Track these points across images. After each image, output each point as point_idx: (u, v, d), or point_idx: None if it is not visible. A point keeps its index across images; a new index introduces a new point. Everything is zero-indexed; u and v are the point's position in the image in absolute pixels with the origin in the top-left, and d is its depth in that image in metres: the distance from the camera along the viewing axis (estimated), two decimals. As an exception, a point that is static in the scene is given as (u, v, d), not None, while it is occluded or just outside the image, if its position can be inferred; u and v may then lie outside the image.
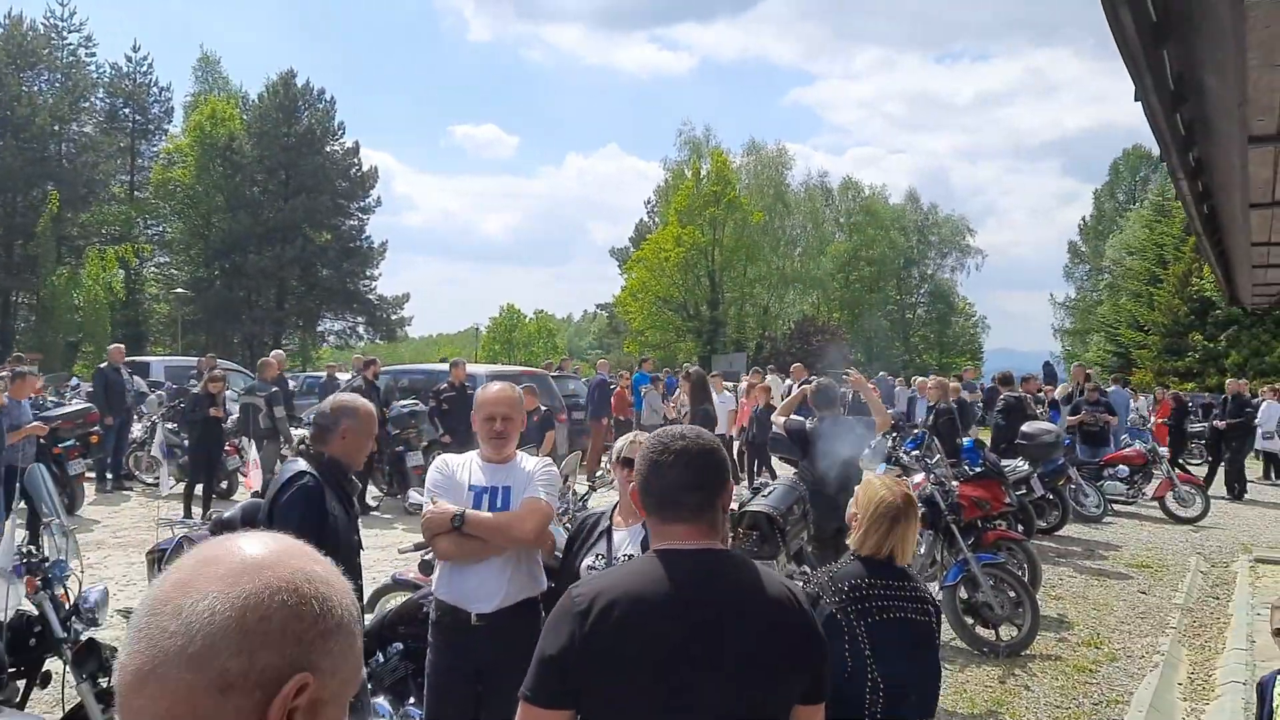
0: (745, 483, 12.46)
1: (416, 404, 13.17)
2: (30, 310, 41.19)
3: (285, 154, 46.94)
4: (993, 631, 7.32)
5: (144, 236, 46.96)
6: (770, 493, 6.46)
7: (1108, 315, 50.16)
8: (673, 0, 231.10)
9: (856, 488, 3.31)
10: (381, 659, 4.52)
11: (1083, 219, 67.18)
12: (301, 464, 3.66)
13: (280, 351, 16.54)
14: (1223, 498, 15.50)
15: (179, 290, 43.48)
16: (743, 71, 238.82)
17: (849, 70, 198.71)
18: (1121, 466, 14.00)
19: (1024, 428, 10.98)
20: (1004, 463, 11.31)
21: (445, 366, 14.91)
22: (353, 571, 3.72)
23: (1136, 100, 3.41)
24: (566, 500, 6.67)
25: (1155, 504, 13.66)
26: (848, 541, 3.26)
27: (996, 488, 8.59)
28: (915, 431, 11.10)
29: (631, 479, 2.29)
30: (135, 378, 15.45)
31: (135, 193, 47.63)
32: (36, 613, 4.35)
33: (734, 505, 6.25)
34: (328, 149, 48.87)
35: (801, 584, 2.72)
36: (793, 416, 7.69)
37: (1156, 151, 4.58)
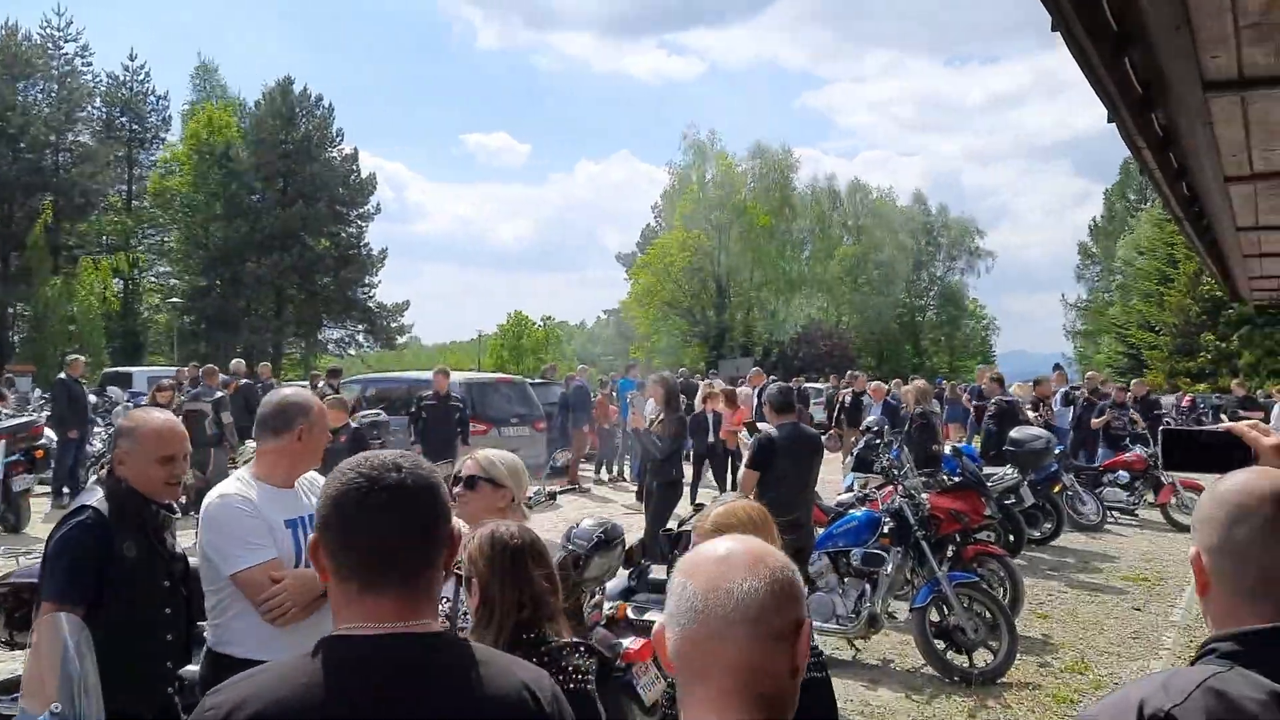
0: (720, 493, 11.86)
1: (379, 414, 12.67)
2: (26, 321, 40.90)
3: (283, 161, 46.49)
4: (966, 657, 6.73)
5: (142, 246, 46.61)
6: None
7: (1119, 316, 49.54)
8: (682, 6, 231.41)
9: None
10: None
11: (1093, 219, 66.34)
12: (95, 495, 3.07)
13: (240, 360, 16.00)
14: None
15: (174, 300, 43.10)
16: (752, 76, 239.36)
17: (858, 74, 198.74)
18: (1121, 472, 13.32)
19: (1012, 433, 10.40)
20: (992, 471, 10.75)
21: (424, 375, 14.54)
22: (168, 620, 3.10)
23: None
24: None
25: (1158, 511, 13.01)
26: None
27: (975, 498, 7.97)
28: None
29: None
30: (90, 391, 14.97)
31: (134, 202, 47.31)
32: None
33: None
34: (326, 156, 48.47)
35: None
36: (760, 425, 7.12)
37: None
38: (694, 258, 51.81)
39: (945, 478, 8.38)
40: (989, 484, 10.47)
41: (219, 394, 12.85)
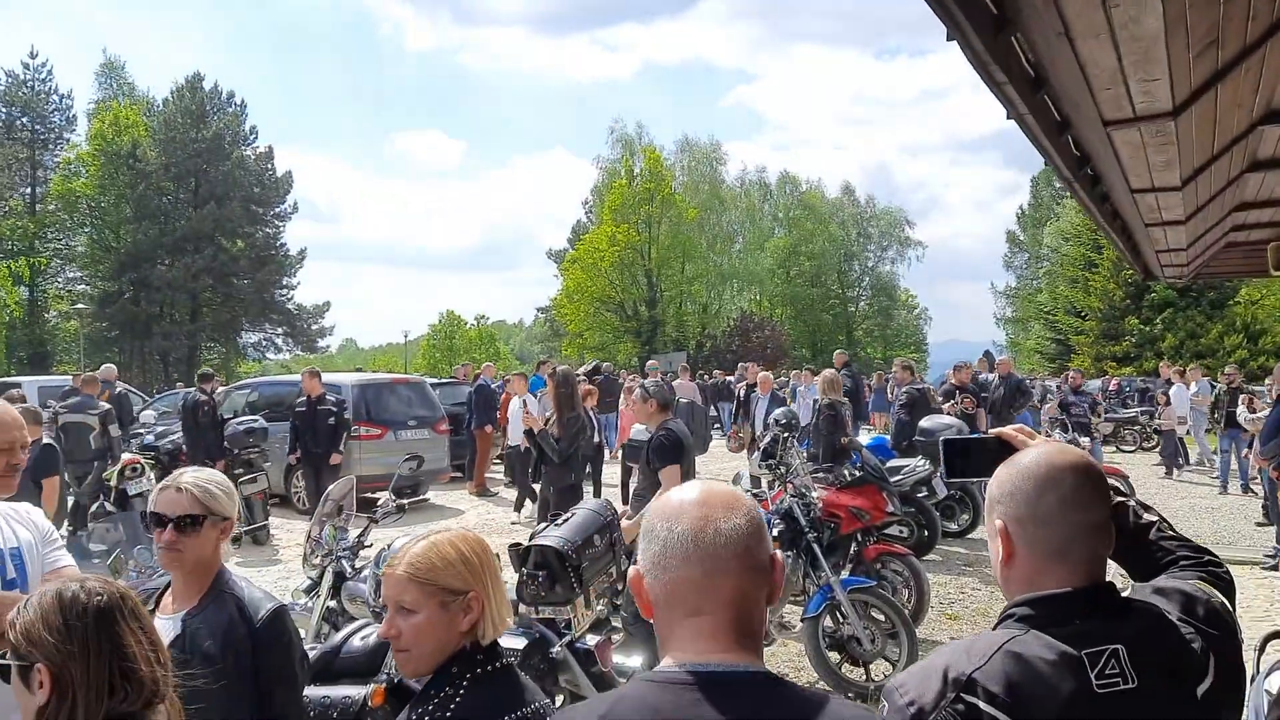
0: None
1: (256, 420, 11.87)
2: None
3: (193, 160, 44.85)
4: (862, 670, 6.19)
5: (47, 251, 44.69)
6: (566, 520, 5.30)
7: (1046, 303, 49.90)
8: (610, 2, 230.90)
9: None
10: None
11: (1020, 207, 67.07)
12: None
13: (111, 366, 14.95)
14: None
15: (79, 306, 41.36)
16: (685, 72, 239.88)
17: (788, 69, 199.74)
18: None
19: (922, 423, 9.91)
20: (904, 463, 10.28)
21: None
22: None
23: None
24: (335, 540, 5.45)
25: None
26: None
27: (876, 494, 7.41)
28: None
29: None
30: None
31: (37, 206, 45.35)
32: None
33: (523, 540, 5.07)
34: (238, 154, 46.89)
35: None
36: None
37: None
38: (623, 252, 51.15)
39: (847, 472, 7.85)
40: (900, 476, 10.02)
41: (106, 406, 11.93)
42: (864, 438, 10.58)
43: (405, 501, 5.85)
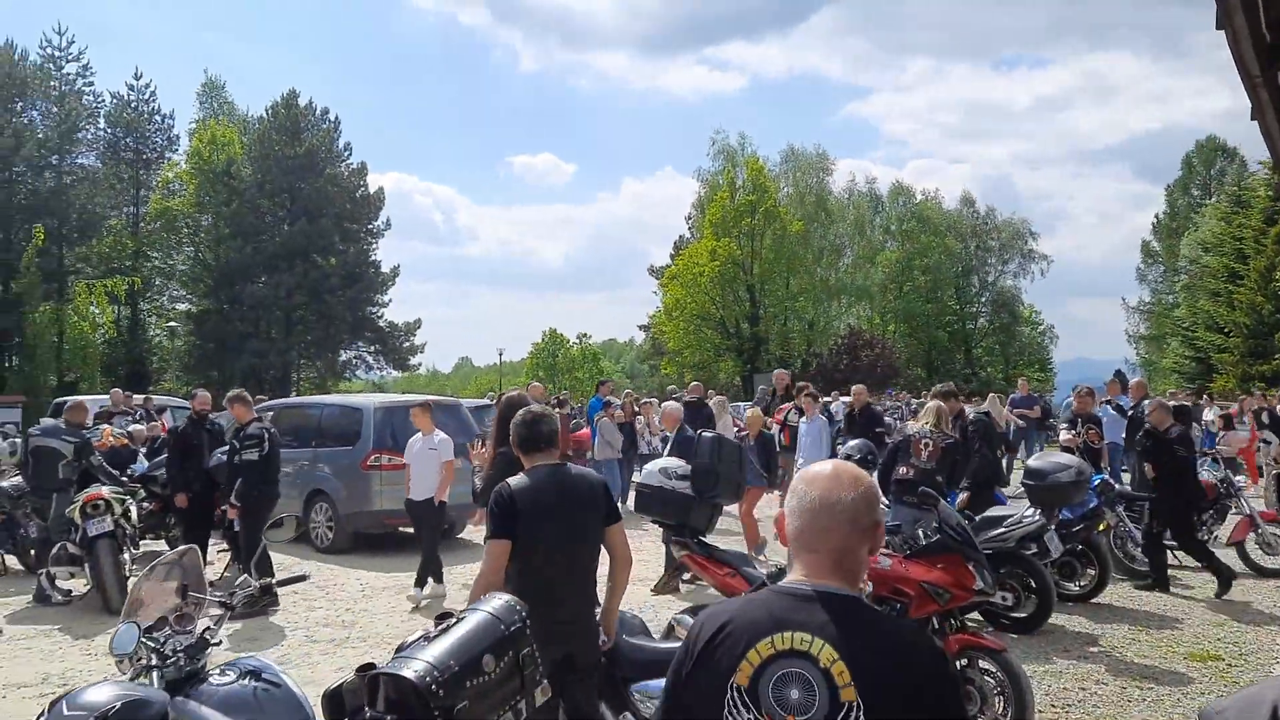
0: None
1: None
2: (15, 351, 39.56)
3: (286, 177, 44.56)
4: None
5: (147, 269, 45.15)
6: (443, 632, 3.50)
7: (1185, 318, 46.06)
8: (716, 21, 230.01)
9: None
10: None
11: (1155, 217, 62.53)
12: None
13: (205, 394, 13.02)
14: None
15: (172, 324, 41.55)
16: (794, 88, 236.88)
17: (900, 82, 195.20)
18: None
19: (1030, 463, 7.77)
20: (1005, 512, 8.18)
21: (343, 399, 12.11)
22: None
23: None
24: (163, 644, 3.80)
25: (1233, 551, 10.27)
26: None
27: (959, 565, 5.43)
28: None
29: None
30: None
31: (140, 225, 45.72)
32: None
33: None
34: (330, 171, 46.50)
35: None
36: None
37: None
38: (724, 267, 49.17)
39: (922, 533, 5.86)
40: (1002, 530, 7.94)
41: (87, 435, 10.70)
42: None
43: (275, 581, 4.15)
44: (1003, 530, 7.70)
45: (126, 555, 9.24)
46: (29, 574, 10.02)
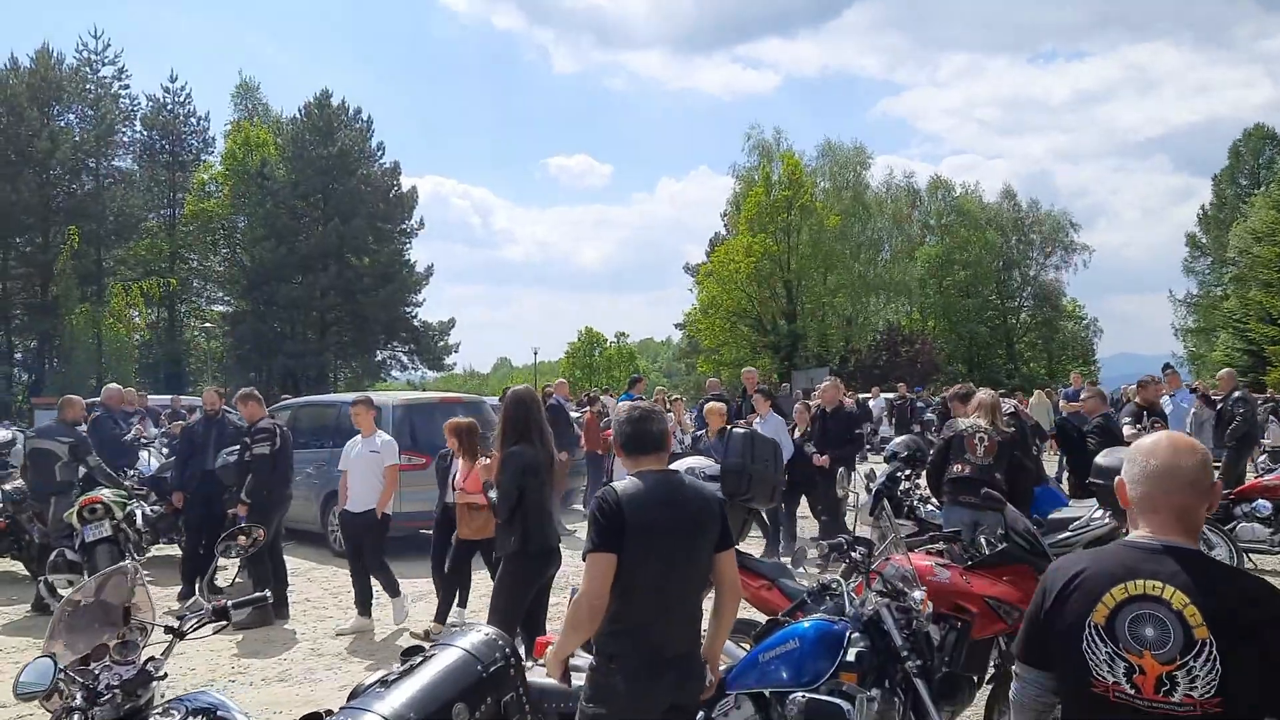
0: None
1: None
2: (56, 353, 39.77)
3: (319, 177, 44.43)
4: None
5: (184, 271, 45.23)
6: (407, 673, 2.95)
7: (1235, 309, 44.71)
8: (749, 19, 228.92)
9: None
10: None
11: (1202, 208, 60.84)
12: None
13: (213, 393, 12.43)
14: None
15: (207, 325, 41.57)
16: (827, 85, 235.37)
17: (935, 78, 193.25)
18: (1261, 502, 9.77)
19: (1099, 458, 7.04)
20: (1072, 514, 7.47)
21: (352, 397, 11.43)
22: None
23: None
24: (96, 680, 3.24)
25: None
26: None
27: (1029, 577, 4.75)
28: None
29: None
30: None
31: (177, 226, 45.94)
32: None
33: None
34: (363, 171, 46.35)
35: None
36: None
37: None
38: (760, 263, 48.36)
39: (984, 541, 5.18)
40: (1068, 534, 7.23)
41: (80, 435, 10.21)
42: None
43: (230, 603, 3.57)
44: (1069, 535, 7.02)
45: (129, 561, 8.74)
46: (34, 580, 9.61)
